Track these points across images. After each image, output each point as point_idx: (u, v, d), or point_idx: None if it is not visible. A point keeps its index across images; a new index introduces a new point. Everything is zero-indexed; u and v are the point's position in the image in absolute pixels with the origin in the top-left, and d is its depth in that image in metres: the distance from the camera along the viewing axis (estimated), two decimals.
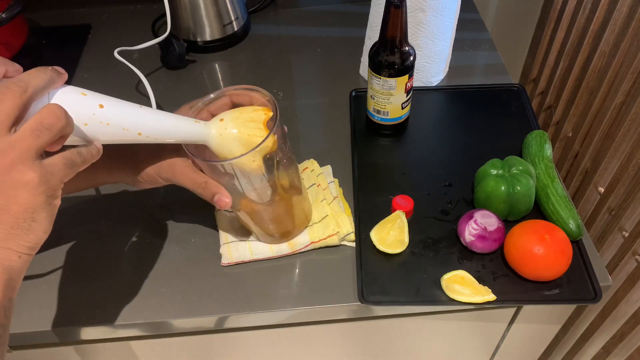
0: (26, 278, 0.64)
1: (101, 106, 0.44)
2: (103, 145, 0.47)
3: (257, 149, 0.49)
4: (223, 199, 0.53)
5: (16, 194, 0.38)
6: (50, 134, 0.39)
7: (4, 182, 0.38)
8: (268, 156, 0.51)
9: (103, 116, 0.44)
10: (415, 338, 0.74)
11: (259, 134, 0.50)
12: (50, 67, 0.42)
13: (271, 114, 0.52)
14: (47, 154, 0.41)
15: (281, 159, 0.54)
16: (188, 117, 0.51)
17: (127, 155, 0.56)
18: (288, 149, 0.56)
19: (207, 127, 0.51)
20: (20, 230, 0.39)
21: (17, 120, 0.39)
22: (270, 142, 0.50)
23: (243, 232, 0.65)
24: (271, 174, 0.54)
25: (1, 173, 0.38)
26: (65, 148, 0.44)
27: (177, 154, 0.55)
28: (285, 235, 0.64)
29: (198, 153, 0.52)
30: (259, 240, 0.64)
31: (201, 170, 0.55)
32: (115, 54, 0.84)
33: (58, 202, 0.42)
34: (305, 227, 0.65)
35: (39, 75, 0.41)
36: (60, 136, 0.41)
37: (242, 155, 0.50)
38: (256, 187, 0.55)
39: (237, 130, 0.50)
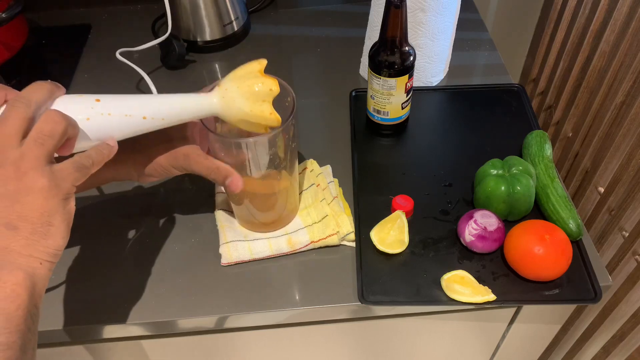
0: None
1: (98, 100, 0.47)
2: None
3: (267, 93, 0.51)
4: (235, 182, 0.57)
5: (31, 200, 0.41)
6: (53, 140, 0.42)
7: (18, 191, 0.41)
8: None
9: (102, 107, 0.47)
10: (415, 338, 0.74)
11: (258, 81, 0.51)
12: (48, 81, 0.45)
13: (265, 62, 0.53)
14: (62, 159, 0.44)
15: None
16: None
17: (137, 150, 0.57)
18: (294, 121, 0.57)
19: (209, 96, 0.52)
20: (39, 235, 0.41)
21: (26, 133, 0.42)
22: (273, 84, 0.52)
23: (242, 231, 0.65)
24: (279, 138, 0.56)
25: (16, 182, 0.41)
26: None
27: (189, 143, 0.57)
28: (276, 223, 0.65)
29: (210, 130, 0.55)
30: (245, 225, 0.66)
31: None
32: (118, 55, 0.84)
33: (72, 206, 0.45)
34: (294, 215, 0.67)
35: (38, 88, 0.44)
36: (67, 138, 0.44)
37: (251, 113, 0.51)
38: (263, 161, 0.57)
39: (237, 85, 0.52)
